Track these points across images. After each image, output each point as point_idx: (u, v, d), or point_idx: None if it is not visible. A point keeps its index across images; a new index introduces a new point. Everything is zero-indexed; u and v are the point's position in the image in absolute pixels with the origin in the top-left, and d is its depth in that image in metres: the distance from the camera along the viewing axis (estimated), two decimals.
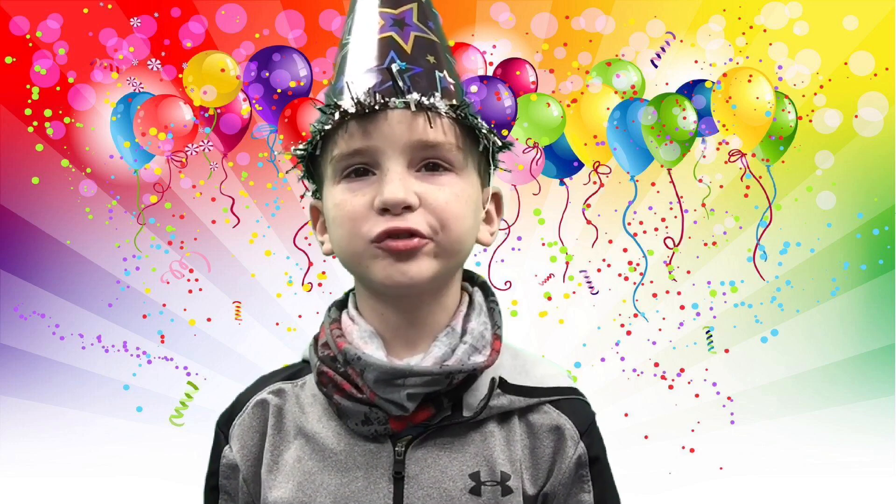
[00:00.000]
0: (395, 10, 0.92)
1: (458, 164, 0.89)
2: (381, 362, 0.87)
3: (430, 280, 0.88)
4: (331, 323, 0.95)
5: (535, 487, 0.91)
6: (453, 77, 0.93)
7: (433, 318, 0.92)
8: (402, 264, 0.86)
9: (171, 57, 2.84)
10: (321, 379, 0.92)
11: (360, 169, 0.88)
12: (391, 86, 0.87)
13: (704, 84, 2.81)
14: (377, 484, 0.88)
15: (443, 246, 0.87)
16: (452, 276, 0.93)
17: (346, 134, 0.88)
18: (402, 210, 0.85)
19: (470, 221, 0.90)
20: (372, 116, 0.87)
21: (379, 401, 0.87)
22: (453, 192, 0.88)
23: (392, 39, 0.90)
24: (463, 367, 0.87)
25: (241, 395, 1.00)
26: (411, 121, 0.86)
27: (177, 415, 2.90)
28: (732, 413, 2.99)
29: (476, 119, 0.91)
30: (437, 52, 0.92)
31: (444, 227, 0.87)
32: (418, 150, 0.87)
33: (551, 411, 0.93)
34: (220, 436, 0.99)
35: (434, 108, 0.87)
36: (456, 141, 0.89)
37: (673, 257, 2.91)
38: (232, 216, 2.92)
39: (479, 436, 0.90)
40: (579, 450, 0.92)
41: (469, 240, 0.91)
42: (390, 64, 0.88)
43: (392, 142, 0.86)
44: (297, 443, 0.93)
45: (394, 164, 0.86)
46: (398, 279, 0.86)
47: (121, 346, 3.17)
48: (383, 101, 0.86)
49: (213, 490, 0.99)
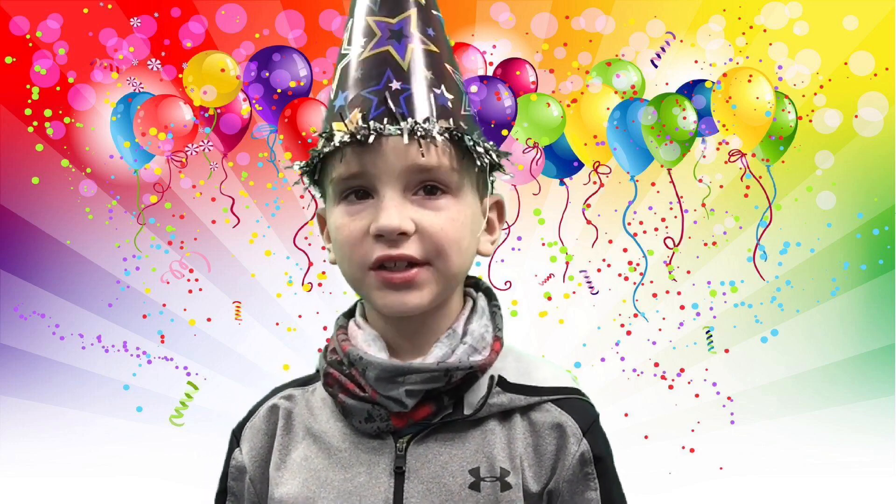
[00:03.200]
0: (392, 18, 0.91)
1: (454, 185, 0.90)
2: (382, 360, 0.90)
3: (430, 305, 0.90)
4: (337, 330, 0.98)
5: (539, 485, 0.92)
6: (453, 90, 0.92)
7: (436, 324, 0.94)
8: (401, 294, 0.88)
9: (171, 57, 2.85)
10: (327, 380, 0.94)
11: (360, 192, 0.90)
12: (385, 110, 0.87)
13: (704, 84, 2.81)
14: (378, 479, 0.90)
15: (440, 272, 0.89)
16: (453, 290, 0.95)
17: (343, 159, 0.89)
18: (398, 236, 0.87)
19: (466, 243, 0.92)
20: (367, 143, 0.87)
21: (380, 398, 0.89)
22: (449, 217, 0.89)
23: (388, 55, 0.90)
24: (461, 365, 0.89)
25: (255, 404, 1.04)
26: (406, 147, 0.87)
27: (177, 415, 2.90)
28: (732, 413, 2.99)
29: (471, 139, 0.91)
30: (436, 64, 0.92)
31: (439, 254, 0.88)
32: (414, 175, 0.88)
33: (553, 409, 0.94)
34: (233, 440, 1.02)
35: (428, 135, 0.87)
36: (451, 163, 0.89)
37: (673, 257, 2.91)
38: (232, 216, 2.92)
39: (479, 433, 0.91)
40: (582, 447, 0.92)
41: (467, 261, 0.93)
42: (386, 86, 0.88)
43: (387, 168, 0.87)
44: (304, 442, 0.96)
45: (389, 189, 0.87)
46: (398, 308, 0.89)
47: (121, 346, 3.17)
48: (377, 129, 0.87)
49: (222, 493, 1.02)
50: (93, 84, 2.90)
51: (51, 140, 2.90)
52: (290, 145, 2.75)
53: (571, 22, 2.87)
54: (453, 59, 0.97)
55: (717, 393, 2.99)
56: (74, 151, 2.94)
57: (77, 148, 2.94)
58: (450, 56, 0.95)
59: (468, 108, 0.95)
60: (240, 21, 2.88)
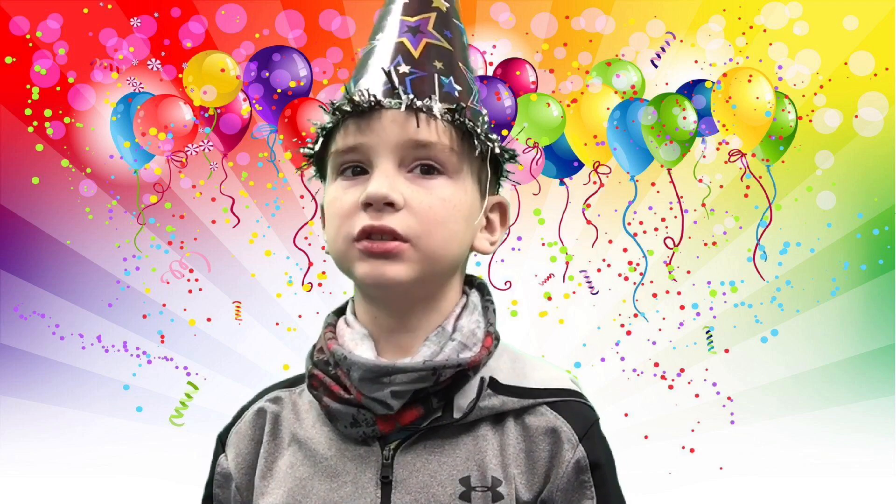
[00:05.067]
0: (412, 17, 0.93)
1: (451, 167, 0.89)
2: (366, 360, 0.86)
3: (410, 283, 0.87)
4: (325, 327, 0.96)
5: (531, 493, 0.87)
6: (463, 84, 0.93)
7: (426, 321, 0.91)
8: (380, 264, 0.86)
9: (171, 57, 2.85)
10: (311, 382, 0.91)
11: (357, 168, 0.89)
12: (389, 87, 0.88)
13: (704, 84, 2.81)
14: (365, 489, 0.87)
15: (422, 250, 0.86)
16: (442, 280, 0.92)
17: (344, 131, 0.89)
18: (385, 206, 0.85)
19: (455, 227, 0.89)
20: (367, 115, 0.88)
21: (365, 400, 0.86)
22: (440, 197, 0.87)
23: (402, 45, 0.92)
24: (448, 363, 0.86)
25: (242, 407, 1.01)
26: (405, 121, 0.87)
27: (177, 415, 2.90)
28: (732, 413, 2.99)
29: (474, 123, 0.91)
30: (448, 59, 0.92)
31: (424, 232, 0.86)
32: (410, 150, 0.87)
33: (548, 413, 0.89)
34: (218, 445, 1.00)
35: (427, 110, 0.87)
36: (450, 143, 0.88)
37: (673, 257, 2.91)
38: (232, 216, 2.92)
39: (470, 439, 0.87)
40: (577, 454, 0.88)
41: (452, 246, 0.89)
42: (394, 68, 0.89)
43: (384, 140, 0.87)
44: (290, 449, 0.93)
45: (384, 161, 0.87)
46: (377, 278, 0.86)
47: (121, 346, 3.17)
48: (377, 100, 0.87)
49: (207, 499, 0.99)
50: (93, 84, 2.90)
51: (51, 140, 2.90)
52: (290, 145, 2.75)
53: (571, 22, 2.87)
54: (468, 62, 0.97)
55: (717, 393, 2.98)
56: (74, 151, 2.94)
57: (77, 148, 2.94)
58: (464, 57, 0.96)
59: (477, 103, 0.95)
60: (240, 21, 2.88)
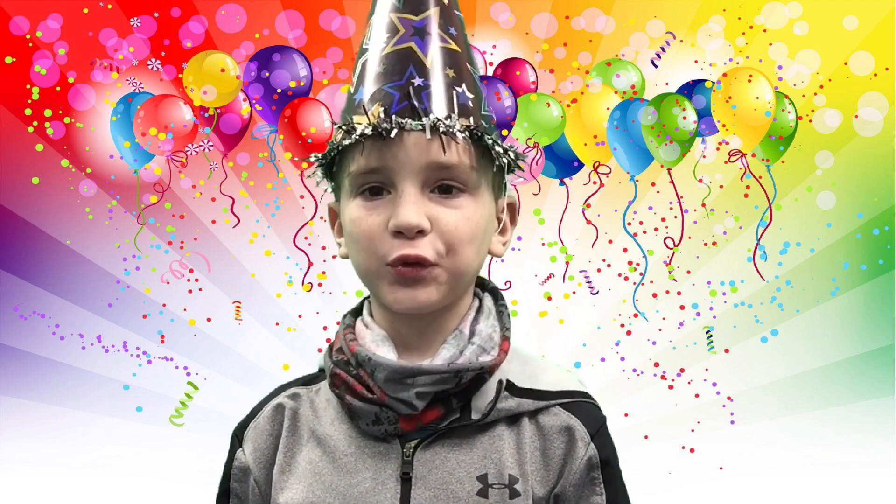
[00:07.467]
0: (416, 16, 0.91)
1: (471, 184, 0.90)
2: (391, 362, 0.89)
3: (439, 303, 0.90)
4: (345, 329, 0.97)
5: (546, 489, 0.91)
6: (473, 90, 0.93)
7: (445, 324, 0.94)
8: (411, 290, 0.88)
9: (171, 57, 2.84)
10: (334, 381, 0.93)
11: (376, 188, 0.89)
12: (408, 105, 0.88)
13: (704, 84, 2.81)
14: (385, 484, 0.89)
15: (450, 270, 0.89)
16: (464, 289, 0.95)
17: (363, 153, 0.88)
18: (416, 234, 0.86)
19: (479, 243, 0.91)
20: (388, 137, 0.87)
21: (389, 401, 0.88)
22: (464, 216, 0.89)
23: (411, 51, 0.90)
24: (471, 366, 0.88)
25: (259, 403, 1.02)
26: (427, 143, 0.87)
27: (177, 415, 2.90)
28: (732, 413, 2.99)
29: (491, 138, 0.91)
30: (457, 63, 0.92)
31: (450, 252, 0.88)
32: (433, 172, 0.88)
33: (561, 413, 0.93)
34: (234, 440, 1.00)
35: (449, 132, 0.87)
36: (471, 161, 0.89)
37: (673, 257, 2.91)
38: (232, 216, 2.92)
39: (487, 438, 0.90)
40: (590, 451, 0.92)
41: (477, 261, 0.92)
42: (408, 81, 0.88)
43: (407, 163, 0.87)
44: (309, 445, 0.94)
45: (408, 185, 0.87)
46: (407, 304, 0.89)
47: (121, 346, 3.16)
48: (400, 123, 0.87)
49: (224, 494, 1.00)
50: (93, 84, 2.89)
51: (51, 140, 2.90)
52: (290, 145, 2.75)
53: (571, 22, 2.87)
54: (473, 59, 0.97)
55: (717, 393, 2.98)
56: (74, 151, 2.93)
57: (77, 148, 2.94)
58: (470, 56, 0.96)
59: (487, 108, 0.95)
60: (240, 21, 2.88)
